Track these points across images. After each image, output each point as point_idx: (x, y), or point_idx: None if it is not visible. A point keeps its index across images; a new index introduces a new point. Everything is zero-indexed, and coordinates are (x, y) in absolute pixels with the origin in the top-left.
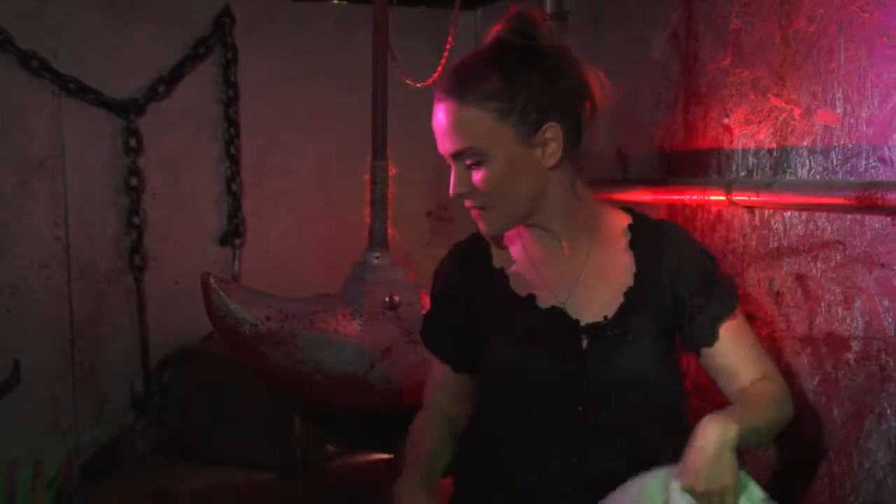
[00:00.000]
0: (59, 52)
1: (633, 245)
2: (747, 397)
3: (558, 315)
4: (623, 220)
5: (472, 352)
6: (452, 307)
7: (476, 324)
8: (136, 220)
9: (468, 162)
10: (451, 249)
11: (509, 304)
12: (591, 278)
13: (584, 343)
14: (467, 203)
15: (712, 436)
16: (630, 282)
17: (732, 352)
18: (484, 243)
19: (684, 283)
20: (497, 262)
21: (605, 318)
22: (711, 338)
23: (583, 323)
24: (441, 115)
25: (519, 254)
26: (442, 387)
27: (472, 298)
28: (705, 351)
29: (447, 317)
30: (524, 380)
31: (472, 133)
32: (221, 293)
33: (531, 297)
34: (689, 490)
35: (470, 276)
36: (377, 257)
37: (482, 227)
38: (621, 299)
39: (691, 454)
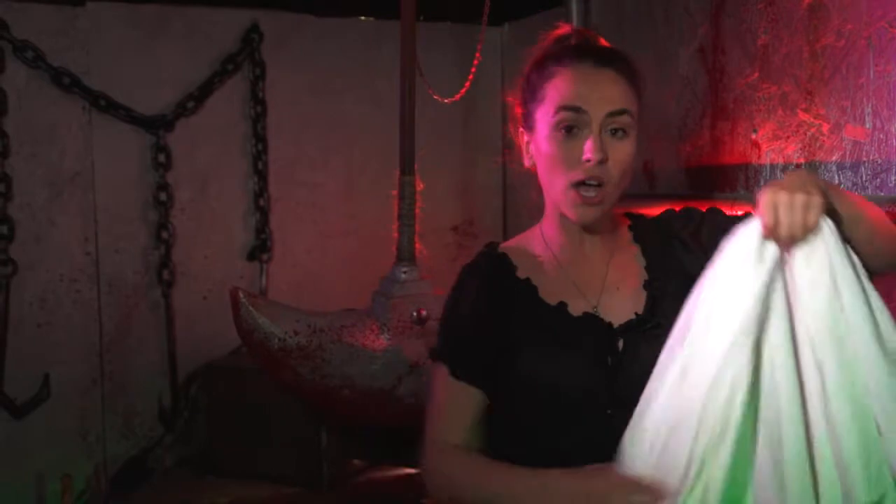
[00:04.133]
0: (90, 68)
1: (636, 239)
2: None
3: (592, 321)
4: (625, 220)
5: (497, 372)
6: (480, 327)
7: (504, 339)
8: (164, 234)
9: (616, 127)
10: (468, 269)
11: (541, 315)
12: (616, 279)
13: (620, 345)
14: (586, 175)
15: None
16: (645, 275)
17: None
18: (501, 255)
19: (691, 234)
20: (522, 272)
21: (636, 314)
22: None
23: (616, 325)
24: (599, 77)
25: (548, 261)
26: (465, 416)
27: (500, 314)
28: None
29: (477, 339)
30: (560, 391)
31: (630, 101)
32: (250, 308)
33: (563, 305)
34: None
35: (495, 291)
36: (405, 272)
37: (588, 211)
38: (645, 293)
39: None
